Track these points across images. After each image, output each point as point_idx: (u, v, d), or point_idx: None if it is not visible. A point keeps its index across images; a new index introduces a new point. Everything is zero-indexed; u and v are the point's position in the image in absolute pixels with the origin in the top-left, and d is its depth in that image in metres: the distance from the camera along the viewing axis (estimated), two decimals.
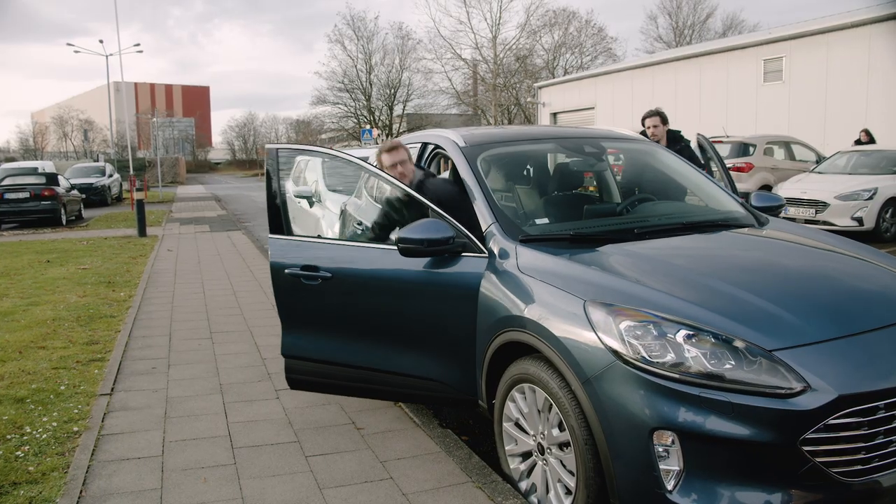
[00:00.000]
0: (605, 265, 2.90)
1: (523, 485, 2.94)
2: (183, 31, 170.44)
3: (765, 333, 2.38)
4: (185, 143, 67.98)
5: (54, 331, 5.94)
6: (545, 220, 3.51)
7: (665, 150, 4.42)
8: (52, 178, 18.00)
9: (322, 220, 4.49)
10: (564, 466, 2.67)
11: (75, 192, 19.69)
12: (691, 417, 2.26)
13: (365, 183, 4.37)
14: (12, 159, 50.83)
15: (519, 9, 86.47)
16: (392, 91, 47.06)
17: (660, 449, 2.31)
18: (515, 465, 2.99)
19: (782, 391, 2.23)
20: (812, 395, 2.22)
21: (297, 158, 4.16)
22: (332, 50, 43.84)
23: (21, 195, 16.89)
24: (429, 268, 3.28)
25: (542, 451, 2.81)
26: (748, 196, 4.04)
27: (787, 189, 11.49)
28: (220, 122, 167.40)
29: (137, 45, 37.45)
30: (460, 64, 45.36)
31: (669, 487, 2.30)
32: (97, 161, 34.83)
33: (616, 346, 2.41)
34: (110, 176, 26.74)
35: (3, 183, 17.41)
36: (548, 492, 2.78)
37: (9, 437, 3.65)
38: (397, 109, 47.63)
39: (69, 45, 38.38)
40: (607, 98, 27.71)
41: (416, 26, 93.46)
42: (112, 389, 4.39)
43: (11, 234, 15.38)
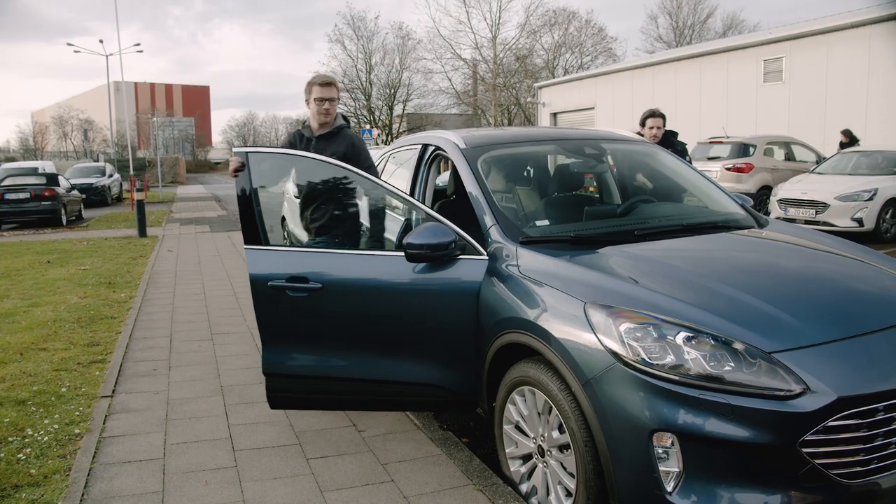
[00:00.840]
0: (605, 267, 2.91)
1: (524, 487, 2.95)
2: (183, 30, 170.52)
3: (764, 335, 2.39)
4: (184, 143, 68.02)
5: (55, 332, 5.95)
6: (545, 222, 3.52)
7: (665, 151, 4.42)
8: (52, 179, 18.02)
9: (302, 227, 4.17)
10: (565, 468, 2.68)
11: (75, 192, 19.70)
12: (691, 419, 2.27)
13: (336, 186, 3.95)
14: (12, 159, 50.90)
15: (519, 8, 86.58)
16: (392, 91, 47.03)
17: (659, 451, 2.32)
18: (516, 468, 3.00)
19: (781, 393, 2.23)
20: (811, 397, 2.23)
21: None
22: (332, 49, 44.01)
23: (21, 195, 16.90)
24: (428, 272, 3.24)
25: (542, 453, 2.82)
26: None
27: (788, 190, 11.50)
28: (221, 121, 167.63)
29: (138, 44, 37.50)
30: (460, 64, 45.39)
31: (669, 489, 2.31)
32: (97, 161, 34.86)
33: (616, 347, 2.41)
34: (110, 176, 26.76)
35: (4, 183, 17.43)
36: (548, 494, 2.79)
37: (10, 439, 3.66)
38: (397, 109, 47.60)
39: (69, 44, 38.44)
40: (607, 98, 27.72)
41: (416, 26, 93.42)
42: (113, 391, 4.39)
43: (12, 235, 15.40)
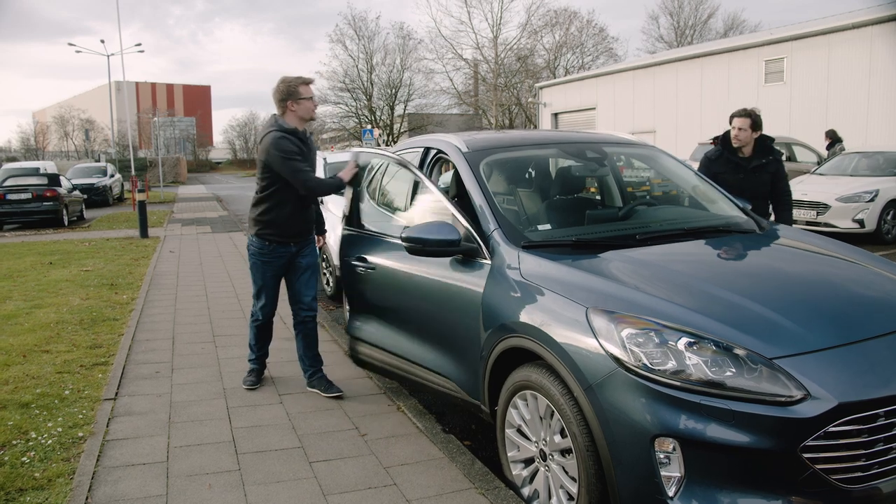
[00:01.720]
0: (606, 272, 2.92)
1: (526, 491, 2.96)
2: (183, 29, 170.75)
3: (765, 341, 2.40)
4: (186, 143, 68.07)
5: (58, 334, 5.97)
6: (547, 226, 3.53)
7: (666, 154, 4.39)
8: (54, 179, 18.04)
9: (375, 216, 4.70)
10: (566, 473, 2.69)
11: (77, 192, 19.71)
12: (692, 425, 2.28)
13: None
14: (14, 159, 50.94)
15: (520, 8, 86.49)
16: (393, 91, 47.06)
17: (661, 456, 2.33)
18: (518, 472, 3.01)
19: (782, 399, 2.25)
20: (812, 403, 2.24)
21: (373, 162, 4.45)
22: (333, 49, 43.95)
23: (23, 196, 16.91)
24: (441, 269, 3.45)
25: (544, 457, 2.83)
26: None
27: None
28: (221, 121, 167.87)
29: (139, 44, 37.49)
30: (461, 64, 45.44)
31: (671, 494, 2.32)
32: (98, 161, 34.90)
33: (618, 353, 2.43)
34: (112, 176, 26.79)
35: (6, 184, 17.44)
36: (550, 498, 2.80)
37: (14, 442, 3.67)
38: (398, 109, 47.63)
39: (70, 45, 38.40)
40: (608, 98, 27.72)
41: (418, 26, 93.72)
42: (116, 394, 4.41)
43: (13, 235, 15.42)
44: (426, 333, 3.70)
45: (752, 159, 5.00)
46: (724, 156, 5.03)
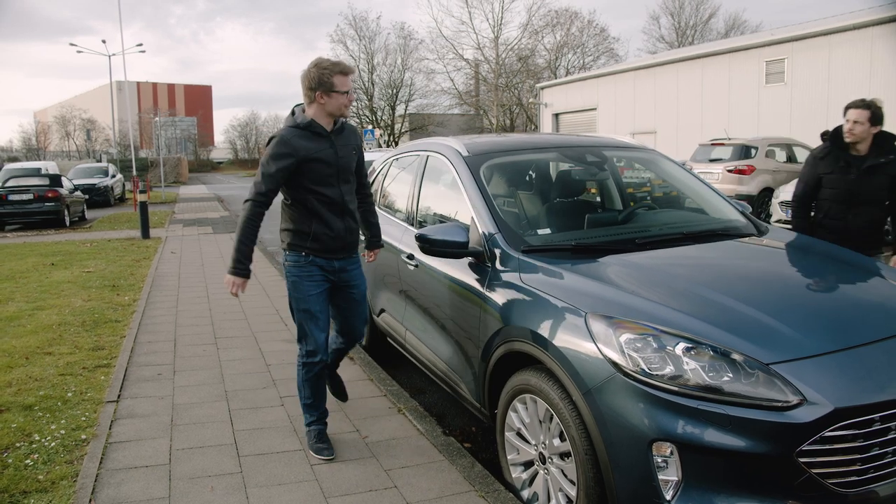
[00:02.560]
0: (605, 277, 2.94)
1: (525, 493, 2.98)
2: (185, 29, 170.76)
3: (762, 347, 2.42)
4: (187, 143, 68.16)
5: (60, 336, 6.00)
6: (547, 231, 3.56)
7: (666, 158, 4.41)
8: (55, 180, 18.09)
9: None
10: (565, 476, 2.72)
11: (78, 193, 19.76)
12: (690, 429, 2.30)
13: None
14: (15, 159, 51.02)
15: (521, 9, 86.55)
16: (394, 91, 47.15)
17: (659, 460, 2.35)
18: (517, 474, 3.03)
19: (779, 404, 2.26)
20: (808, 408, 2.25)
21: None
22: (334, 49, 43.85)
23: (25, 196, 16.95)
24: (454, 271, 3.55)
25: (543, 460, 2.86)
26: None
27: (789, 192, 11.46)
28: (223, 121, 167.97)
29: (140, 45, 37.50)
30: (462, 64, 45.49)
31: (668, 497, 2.34)
32: (100, 161, 34.94)
33: (616, 358, 2.45)
34: (113, 176, 26.81)
35: (7, 184, 17.50)
36: (549, 500, 2.83)
37: (18, 444, 3.70)
38: (399, 109, 47.71)
39: (72, 44, 38.57)
40: (609, 99, 27.74)
41: (419, 26, 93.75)
42: (119, 396, 4.43)
43: (15, 236, 15.45)
44: (442, 328, 3.78)
45: (866, 158, 4.21)
46: (834, 153, 4.31)
